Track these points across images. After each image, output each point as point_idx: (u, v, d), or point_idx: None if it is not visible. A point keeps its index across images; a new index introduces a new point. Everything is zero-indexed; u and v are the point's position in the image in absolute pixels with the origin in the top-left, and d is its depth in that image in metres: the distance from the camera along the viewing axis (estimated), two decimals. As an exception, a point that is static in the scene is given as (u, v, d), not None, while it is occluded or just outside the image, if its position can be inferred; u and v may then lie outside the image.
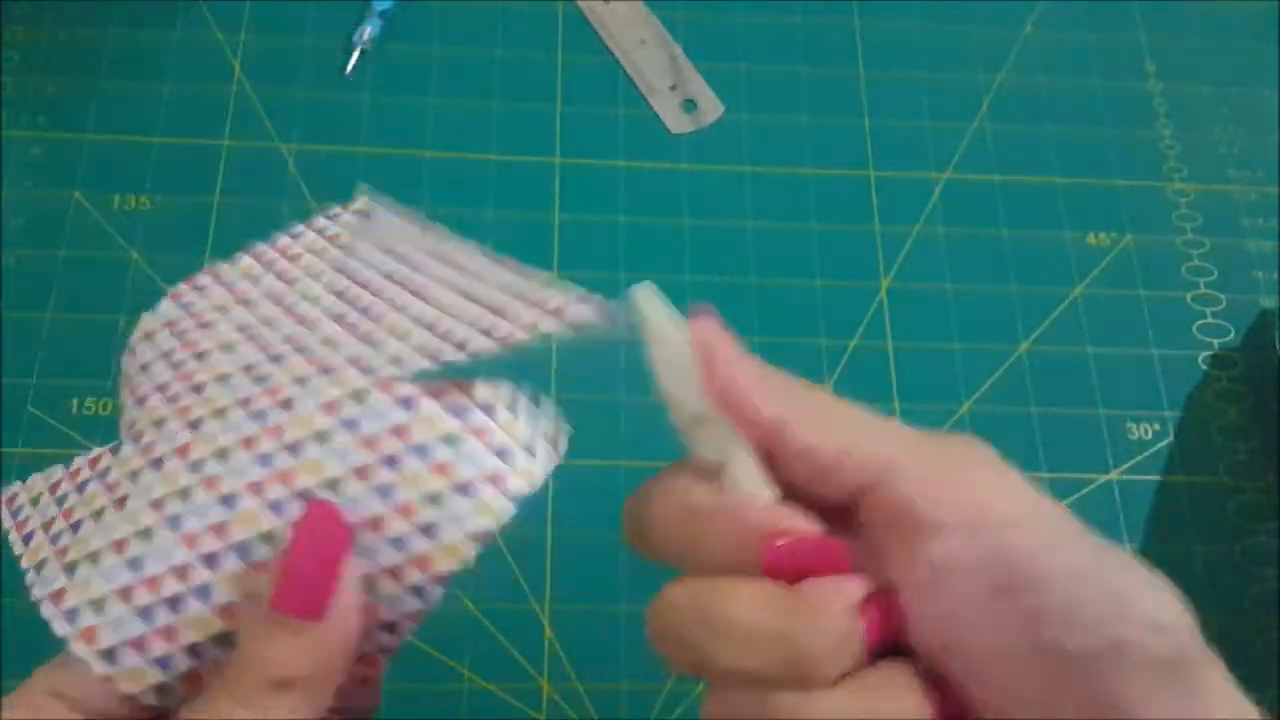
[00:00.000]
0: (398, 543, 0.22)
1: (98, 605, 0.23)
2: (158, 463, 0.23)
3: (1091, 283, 0.51)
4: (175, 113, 0.50)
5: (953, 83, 0.55)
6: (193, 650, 0.22)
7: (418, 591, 0.23)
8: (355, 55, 0.52)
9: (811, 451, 0.22)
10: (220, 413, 0.24)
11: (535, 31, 0.54)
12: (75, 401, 0.45)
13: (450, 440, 0.23)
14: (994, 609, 0.20)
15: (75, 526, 0.24)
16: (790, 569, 0.21)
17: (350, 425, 0.23)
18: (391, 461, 0.22)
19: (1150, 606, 0.19)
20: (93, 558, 0.23)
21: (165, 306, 0.27)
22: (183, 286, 0.28)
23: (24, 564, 0.24)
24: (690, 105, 0.53)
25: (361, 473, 0.22)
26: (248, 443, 0.23)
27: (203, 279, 0.28)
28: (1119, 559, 0.20)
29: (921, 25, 0.56)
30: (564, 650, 0.43)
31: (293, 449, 0.23)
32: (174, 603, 0.22)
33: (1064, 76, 0.56)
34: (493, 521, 0.24)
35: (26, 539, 0.24)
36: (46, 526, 0.24)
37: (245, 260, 0.28)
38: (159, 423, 0.24)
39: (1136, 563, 0.20)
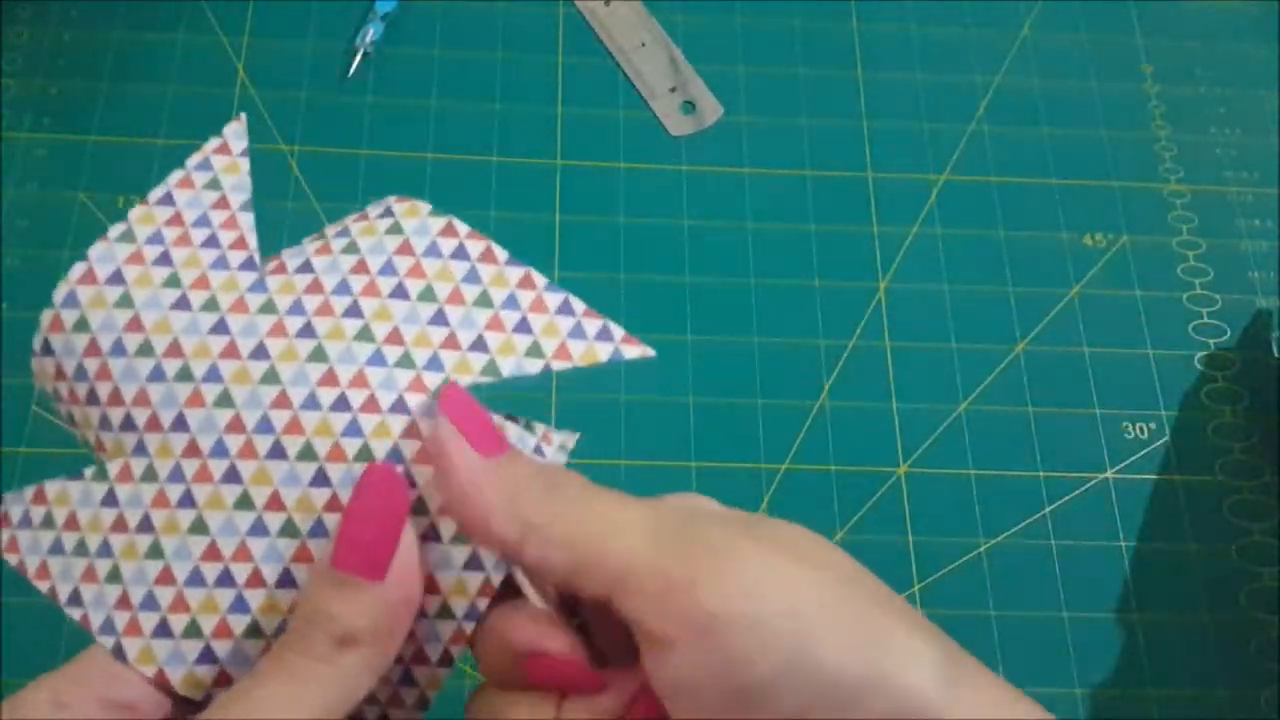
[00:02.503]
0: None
1: (141, 618, 0.23)
2: (176, 467, 0.23)
3: (1088, 283, 0.52)
4: (179, 114, 0.51)
5: (950, 84, 0.55)
6: (238, 645, 0.23)
7: (476, 563, 0.23)
8: (357, 58, 0.52)
9: (545, 568, 0.22)
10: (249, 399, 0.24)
11: (536, 34, 0.55)
12: (80, 401, 0.45)
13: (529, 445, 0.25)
14: (732, 716, 0.20)
15: (99, 544, 0.23)
16: (551, 685, 0.23)
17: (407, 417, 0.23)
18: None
19: (885, 700, 0.19)
20: (123, 571, 0.23)
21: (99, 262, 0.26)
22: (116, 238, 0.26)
23: (41, 585, 0.24)
24: (690, 107, 0.54)
25: (421, 458, 0.23)
26: (283, 443, 0.23)
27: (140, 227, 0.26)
28: (860, 636, 0.19)
29: (919, 27, 0.57)
30: (565, 648, 0.43)
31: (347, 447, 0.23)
32: (219, 600, 0.23)
33: (1061, 78, 0.56)
34: None
35: (31, 560, 0.24)
36: (55, 548, 0.24)
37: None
38: (163, 420, 0.24)
39: (883, 629, 0.20)
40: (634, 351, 0.25)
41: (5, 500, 0.25)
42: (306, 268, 0.25)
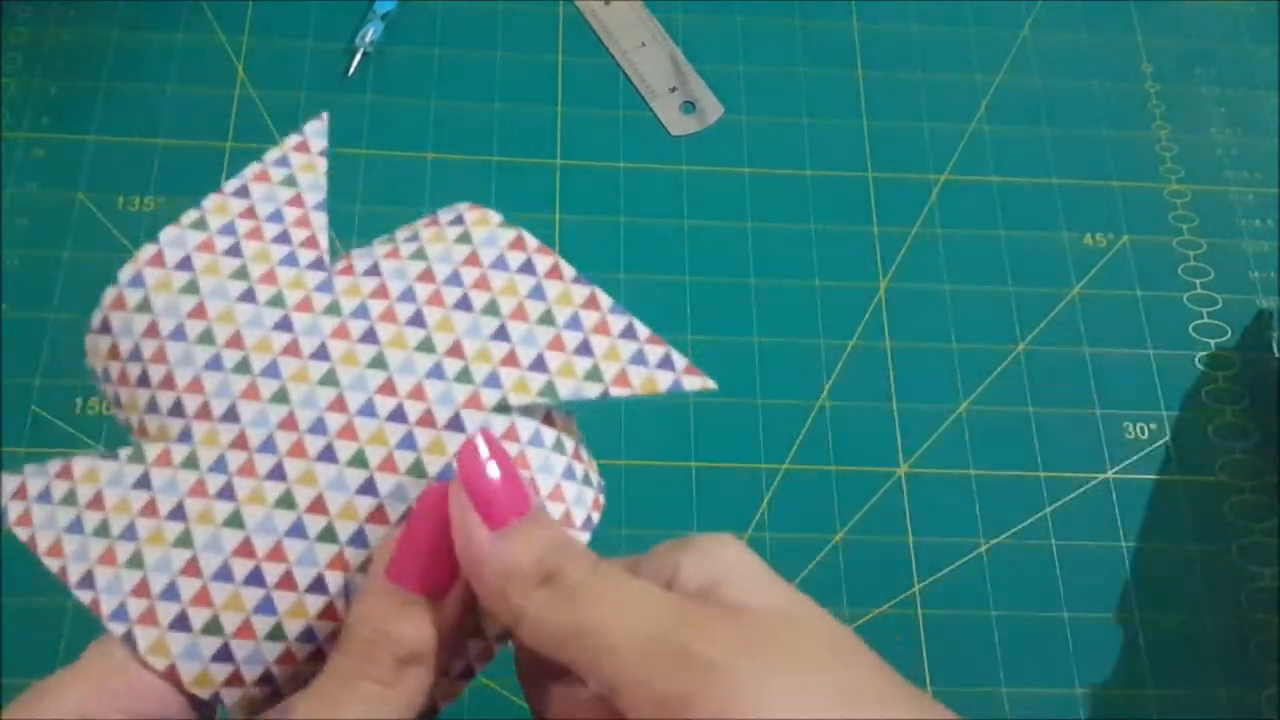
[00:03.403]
0: None
1: (159, 608, 0.22)
2: (221, 458, 0.23)
3: (1089, 283, 0.52)
4: (179, 114, 0.51)
5: (951, 84, 0.55)
6: (257, 647, 0.22)
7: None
8: (357, 57, 0.52)
9: (541, 655, 0.21)
10: (280, 397, 0.23)
11: (536, 34, 0.54)
12: (79, 401, 0.45)
13: (561, 465, 0.24)
14: None
15: (124, 527, 0.23)
16: None
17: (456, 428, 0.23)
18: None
19: None
20: (146, 557, 0.23)
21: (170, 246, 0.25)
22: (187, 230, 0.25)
23: (51, 564, 0.23)
24: (690, 107, 0.54)
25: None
26: (328, 444, 0.23)
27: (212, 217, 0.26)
28: None
29: (920, 27, 0.57)
30: (565, 648, 0.43)
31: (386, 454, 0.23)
32: (245, 599, 0.22)
33: (1061, 78, 0.56)
34: (586, 533, 0.24)
35: (44, 536, 0.24)
36: (73, 527, 0.23)
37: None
38: (198, 411, 0.23)
39: None
40: (695, 383, 0.25)
41: (27, 471, 0.24)
42: (374, 271, 0.25)
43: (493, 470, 0.21)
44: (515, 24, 0.54)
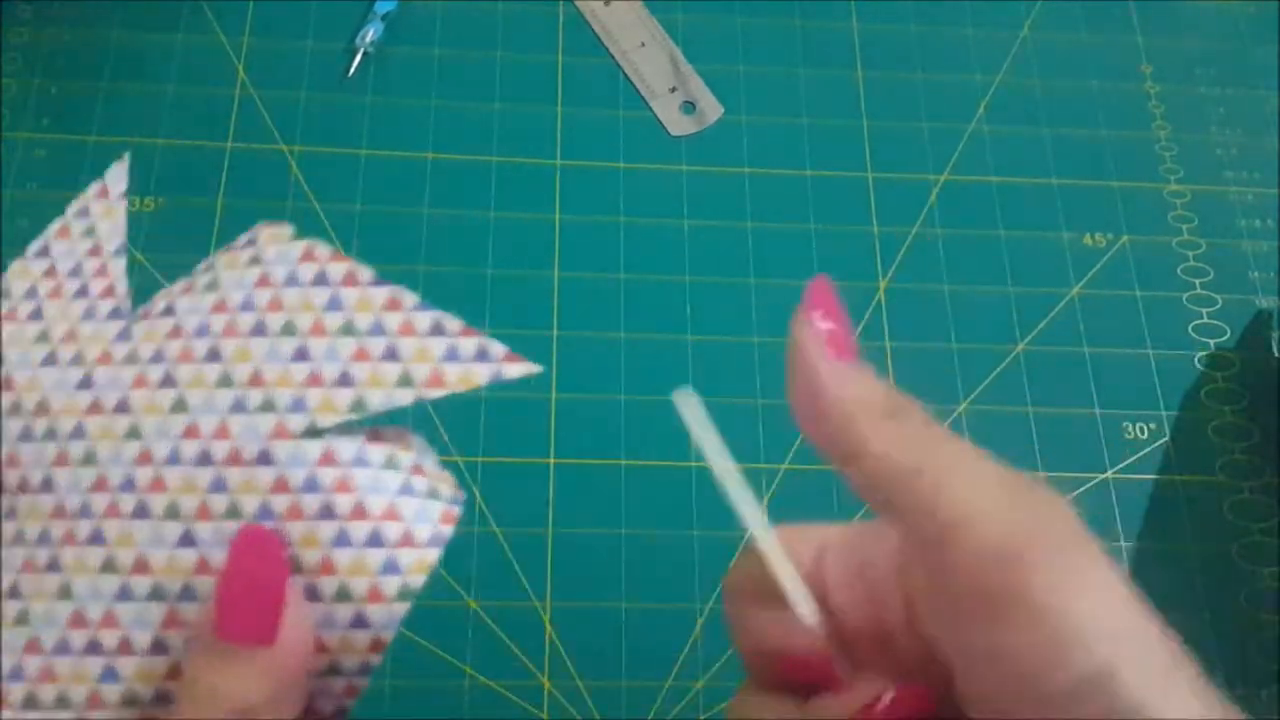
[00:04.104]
0: (342, 584, 0.22)
1: (8, 690, 0.22)
2: (44, 531, 0.23)
3: (1088, 283, 0.52)
4: (178, 115, 0.51)
5: (950, 84, 0.55)
6: (114, 717, 0.22)
7: (361, 621, 0.22)
8: (357, 57, 0.52)
9: (867, 493, 0.20)
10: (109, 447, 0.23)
11: (536, 34, 0.54)
12: (80, 401, 0.45)
13: (395, 483, 0.23)
14: (1024, 709, 0.18)
15: None
16: (804, 680, 0.22)
17: (281, 465, 0.22)
18: (328, 506, 0.22)
19: None
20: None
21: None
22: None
23: None
24: (690, 107, 0.54)
25: (294, 513, 0.22)
26: (154, 486, 0.22)
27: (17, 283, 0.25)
28: (1154, 666, 0.18)
29: (919, 27, 0.57)
30: (565, 648, 0.43)
31: (219, 491, 0.22)
32: (88, 669, 0.22)
33: (1061, 78, 0.56)
34: (436, 549, 0.23)
35: None
36: None
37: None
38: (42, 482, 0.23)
39: (1170, 664, 0.19)
40: (517, 370, 0.23)
41: None
42: (169, 311, 0.24)
43: (839, 305, 0.21)
44: (515, 24, 0.54)
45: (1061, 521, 0.19)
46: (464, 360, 0.23)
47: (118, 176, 0.27)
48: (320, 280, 0.24)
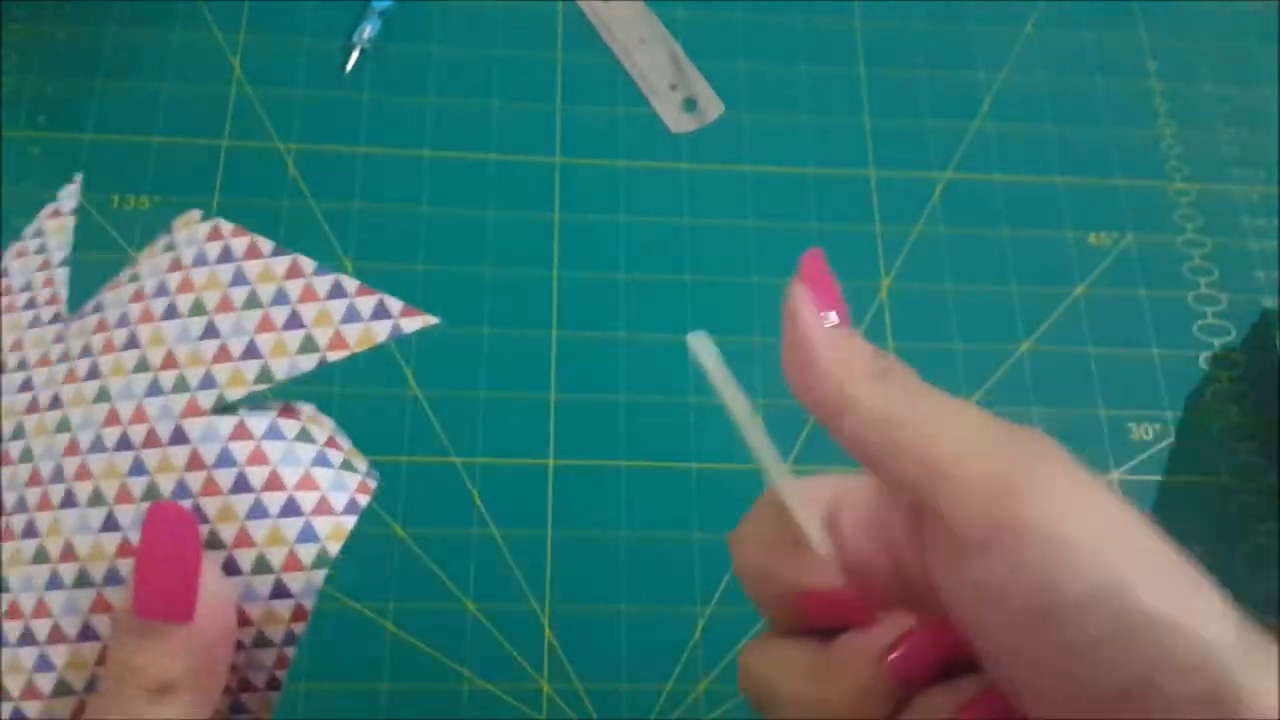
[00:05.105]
0: (260, 555, 0.23)
1: None
2: None
3: (1092, 283, 0.51)
4: (174, 112, 0.50)
5: (953, 82, 0.55)
6: (48, 705, 0.22)
7: (282, 590, 0.23)
8: (355, 54, 0.52)
9: (859, 444, 0.21)
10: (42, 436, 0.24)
11: (535, 31, 0.54)
12: (74, 401, 0.45)
13: (309, 455, 0.24)
14: (1030, 636, 0.19)
15: None
16: (827, 622, 0.22)
17: (195, 442, 0.23)
18: (242, 479, 0.23)
19: (1186, 643, 0.18)
20: None
21: None
22: None
23: None
24: (690, 104, 0.53)
25: (209, 489, 0.23)
26: (79, 473, 0.23)
27: None
28: (1164, 583, 0.19)
29: (922, 24, 0.56)
30: (564, 650, 0.43)
31: (134, 473, 0.23)
32: (23, 660, 0.22)
33: (1065, 76, 0.56)
34: (351, 516, 0.24)
35: None
36: None
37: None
38: None
39: (1186, 582, 0.19)
40: (415, 323, 0.24)
41: None
42: (97, 308, 0.25)
43: (830, 275, 0.22)
44: (514, 20, 0.54)
45: (1048, 454, 0.20)
46: (363, 319, 0.24)
47: (70, 195, 0.28)
48: (225, 257, 0.25)
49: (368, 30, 0.52)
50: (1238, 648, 0.18)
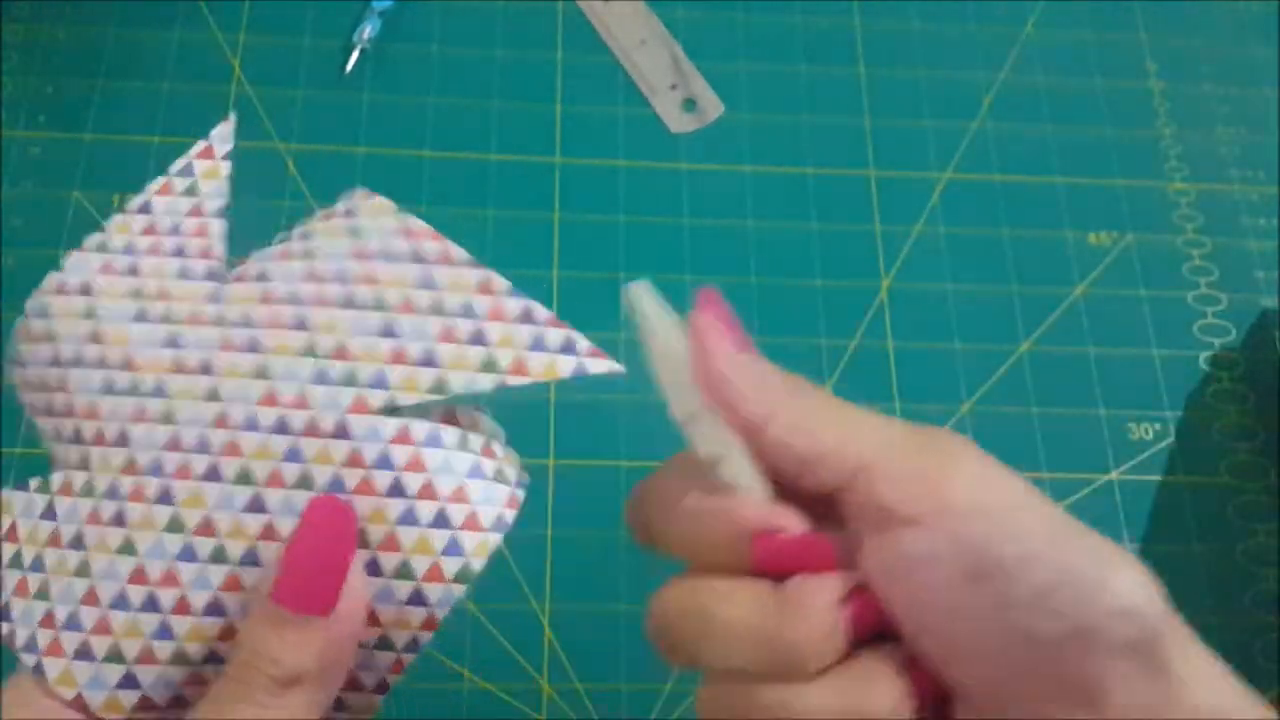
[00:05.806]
0: (404, 561, 0.22)
1: (64, 638, 0.22)
2: (113, 484, 0.23)
3: (1092, 283, 0.51)
4: (175, 112, 0.50)
5: (953, 82, 0.55)
6: (162, 672, 0.22)
7: (419, 598, 0.23)
8: (355, 54, 0.52)
9: (788, 450, 0.22)
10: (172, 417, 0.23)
11: (535, 31, 0.54)
12: (74, 401, 0.45)
13: (465, 465, 0.23)
14: (965, 596, 0.20)
15: (33, 558, 0.23)
16: (777, 565, 0.22)
17: (356, 441, 0.23)
18: (398, 484, 0.22)
19: (1116, 592, 0.20)
20: (51, 587, 0.23)
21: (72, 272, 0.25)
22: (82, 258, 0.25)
23: None
24: (691, 104, 0.53)
25: (364, 488, 0.22)
26: (230, 449, 0.23)
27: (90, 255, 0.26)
28: (1088, 543, 0.20)
29: (922, 25, 0.56)
30: (564, 650, 0.43)
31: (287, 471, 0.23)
32: (143, 625, 0.22)
33: (1065, 76, 0.56)
34: (498, 534, 0.23)
35: None
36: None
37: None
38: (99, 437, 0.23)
39: (1107, 546, 0.21)
40: (601, 366, 0.24)
41: None
42: (263, 276, 0.24)
43: (729, 311, 0.23)
44: (514, 21, 0.54)
45: (964, 447, 0.22)
46: (549, 350, 0.24)
47: (223, 135, 0.27)
48: (415, 257, 0.24)
49: (368, 30, 0.52)
50: (1155, 595, 0.20)
